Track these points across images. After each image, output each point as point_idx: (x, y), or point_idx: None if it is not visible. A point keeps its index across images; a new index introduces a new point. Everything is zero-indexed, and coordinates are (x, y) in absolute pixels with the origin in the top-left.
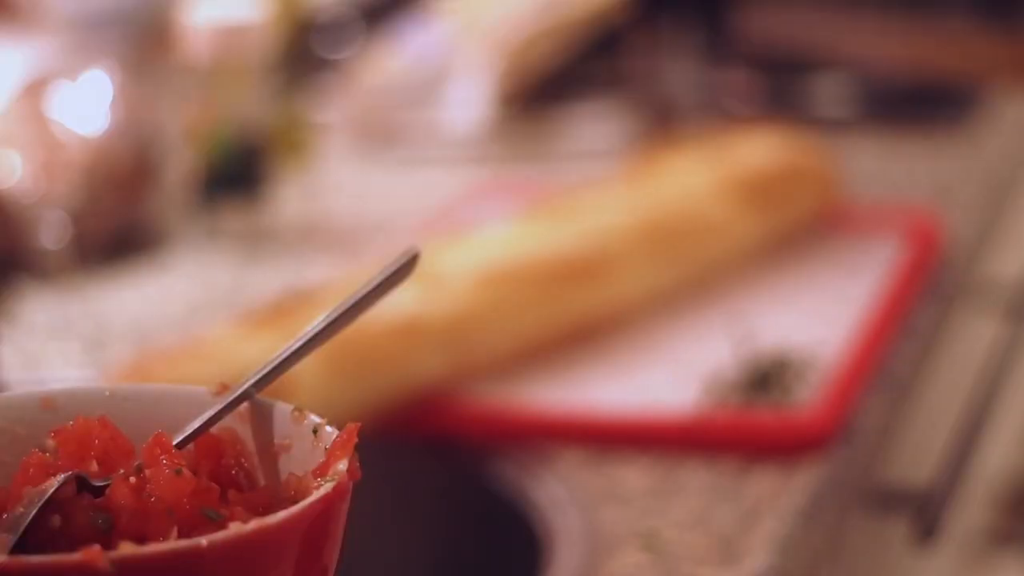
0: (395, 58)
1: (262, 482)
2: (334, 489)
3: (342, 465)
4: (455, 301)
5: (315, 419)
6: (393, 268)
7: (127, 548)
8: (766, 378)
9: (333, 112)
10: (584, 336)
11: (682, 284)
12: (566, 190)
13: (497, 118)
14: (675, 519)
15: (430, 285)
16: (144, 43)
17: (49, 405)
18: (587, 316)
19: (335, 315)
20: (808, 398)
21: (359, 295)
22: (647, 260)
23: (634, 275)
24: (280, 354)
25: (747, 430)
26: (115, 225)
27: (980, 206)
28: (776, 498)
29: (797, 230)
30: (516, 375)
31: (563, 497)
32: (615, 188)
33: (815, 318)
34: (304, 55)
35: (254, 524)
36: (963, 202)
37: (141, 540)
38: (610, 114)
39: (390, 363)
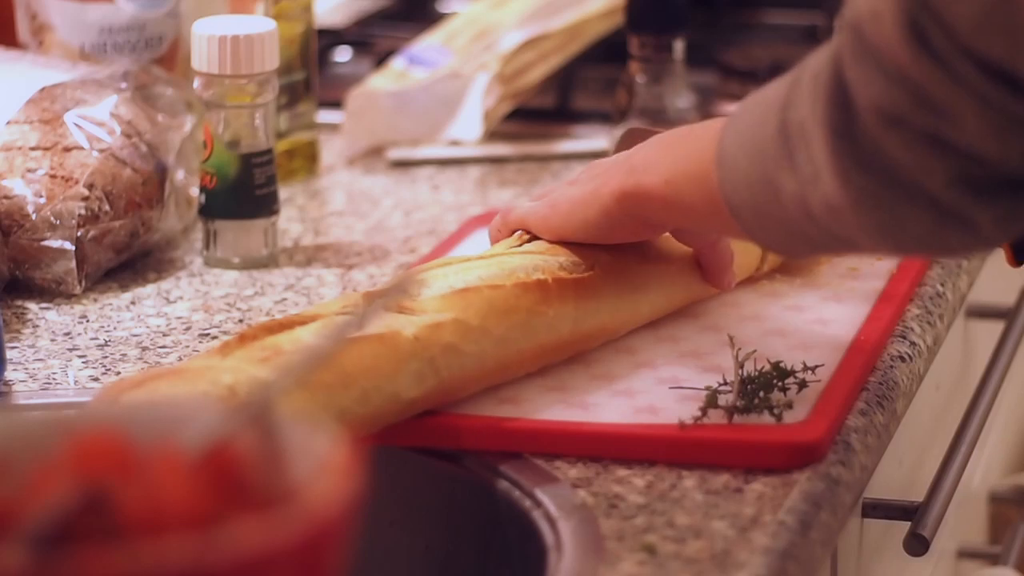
0: (399, 68)
1: (270, 492)
2: (340, 498)
3: (349, 475)
4: (428, 315)
5: (322, 429)
6: (392, 293)
7: (138, 557)
8: (764, 391)
9: (339, 124)
10: (580, 353)
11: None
12: None
13: (495, 125)
14: (673, 531)
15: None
16: (152, 58)
17: (63, 417)
18: (574, 330)
19: (339, 333)
20: (804, 410)
21: (361, 316)
22: (633, 278)
23: (620, 291)
24: (286, 369)
25: (744, 443)
26: (122, 238)
27: None
28: (772, 510)
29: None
30: (512, 390)
31: (563, 508)
32: None
33: (812, 329)
34: (312, 66)
35: (262, 533)
36: None
37: (150, 550)
38: (605, 119)
39: (366, 377)
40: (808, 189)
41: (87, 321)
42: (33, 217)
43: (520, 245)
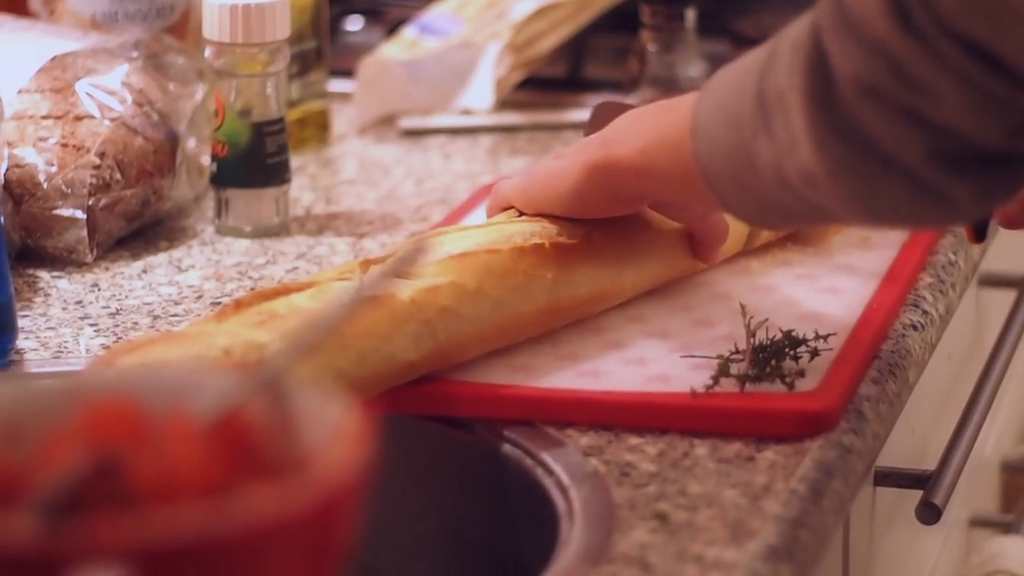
0: (411, 37)
1: (281, 460)
2: (352, 466)
3: (361, 442)
4: (424, 279)
5: (334, 397)
6: (407, 256)
7: (149, 525)
8: (775, 359)
9: (350, 92)
10: (583, 318)
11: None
12: None
13: (506, 94)
14: (685, 500)
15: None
16: (164, 26)
17: (74, 385)
18: (574, 294)
19: (354, 300)
20: (816, 379)
21: (373, 281)
22: (633, 244)
23: (620, 256)
24: (300, 336)
25: (756, 412)
26: (133, 207)
27: None
28: (784, 479)
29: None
30: (523, 358)
31: (575, 476)
32: None
33: (824, 298)
34: (323, 34)
35: (273, 501)
36: None
37: (162, 517)
38: (617, 88)
39: (363, 339)
40: (784, 157)
41: (98, 290)
42: (44, 186)
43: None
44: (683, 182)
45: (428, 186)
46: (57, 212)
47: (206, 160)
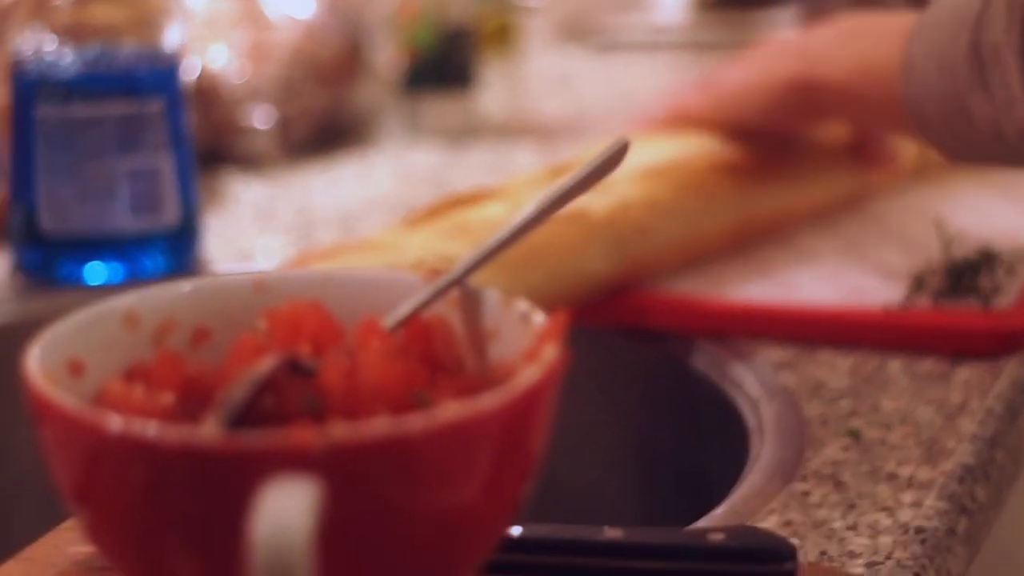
0: None
1: (471, 368)
2: (544, 374)
3: (551, 351)
4: (618, 194)
5: (524, 306)
6: (604, 158)
7: (338, 430)
8: (971, 275)
9: (540, 6)
10: (780, 236)
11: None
12: None
13: (697, 14)
14: (878, 417)
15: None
16: None
17: (261, 288)
18: (759, 214)
19: (544, 204)
20: (1012, 296)
21: (569, 184)
22: (817, 160)
23: (811, 170)
24: (490, 242)
25: (951, 328)
26: (320, 113)
27: None
28: (979, 397)
29: None
30: (713, 270)
31: (766, 391)
32: None
33: (1022, 214)
34: None
35: (465, 408)
36: None
37: (351, 423)
38: (808, 8)
39: (555, 255)
40: (1002, 114)
41: (286, 194)
42: (233, 92)
43: None
44: (886, 112)
45: (617, 99)
46: (244, 118)
47: (396, 66)
